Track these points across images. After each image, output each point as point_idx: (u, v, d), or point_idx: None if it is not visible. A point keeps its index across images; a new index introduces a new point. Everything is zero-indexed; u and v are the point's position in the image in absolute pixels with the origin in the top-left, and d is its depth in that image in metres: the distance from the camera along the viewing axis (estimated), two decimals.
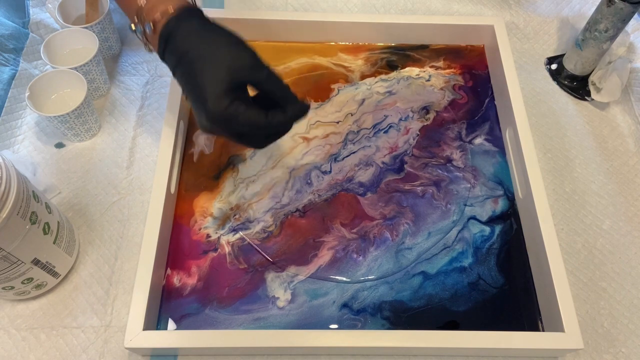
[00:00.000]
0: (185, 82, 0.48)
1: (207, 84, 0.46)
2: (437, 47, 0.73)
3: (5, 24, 0.68)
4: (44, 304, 0.54)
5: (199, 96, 0.46)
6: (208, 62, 0.46)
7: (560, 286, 0.51)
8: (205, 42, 0.47)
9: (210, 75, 0.46)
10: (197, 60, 0.46)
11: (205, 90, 0.45)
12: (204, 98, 0.46)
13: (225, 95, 0.45)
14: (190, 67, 0.47)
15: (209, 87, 0.45)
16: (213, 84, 0.45)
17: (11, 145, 0.63)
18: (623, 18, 0.64)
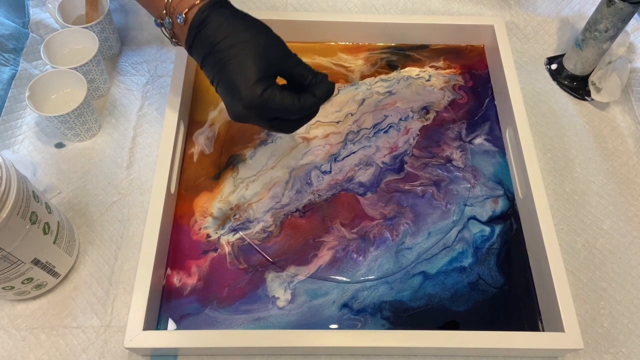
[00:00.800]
0: (218, 71, 0.49)
1: (241, 72, 0.47)
2: (437, 47, 0.73)
3: (5, 24, 0.68)
4: (44, 304, 0.54)
5: (233, 84, 0.47)
6: (242, 51, 0.47)
7: (560, 286, 0.51)
8: (237, 31, 0.48)
9: (245, 63, 0.47)
10: (230, 49, 0.47)
11: (240, 78, 0.47)
12: (237, 86, 0.47)
13: (260, 82, 0.47)
14: (223, 55, 0.48)
15: (243, 75, 0.47)
16: (248, 72, 0.47)
17: (11, 145, 0.63)
18: (623, 18, 0.64)
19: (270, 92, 0.47)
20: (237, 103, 0.48)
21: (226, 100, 0.50)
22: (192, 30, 0.49)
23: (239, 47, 0.47)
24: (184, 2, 0.49)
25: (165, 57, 0.72)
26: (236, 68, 0.47)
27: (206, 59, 0.49)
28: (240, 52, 0.47)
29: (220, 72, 0.48)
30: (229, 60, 0.47)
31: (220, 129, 0.65)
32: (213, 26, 0.48)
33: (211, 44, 0.48)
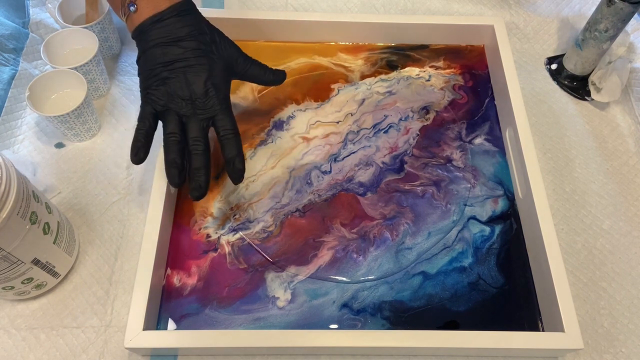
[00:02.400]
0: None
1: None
2: (437, 47, 0.73)
3: (5, 24, 0.68)
4: (44, 304, 0.54)
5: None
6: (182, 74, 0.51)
7: (560, 286, 0.51)
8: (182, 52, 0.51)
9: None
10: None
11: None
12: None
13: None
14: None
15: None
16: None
17: (11, 145, 0.63)
18: (623, 18, 0.64)
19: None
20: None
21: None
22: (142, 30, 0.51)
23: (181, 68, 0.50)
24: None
25: None
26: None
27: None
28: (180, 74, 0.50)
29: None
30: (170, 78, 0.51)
31: None
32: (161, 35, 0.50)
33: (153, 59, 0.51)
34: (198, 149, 0.51)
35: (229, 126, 0.52)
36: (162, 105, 0.51)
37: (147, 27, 0.50)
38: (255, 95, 0.68)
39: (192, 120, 0.51)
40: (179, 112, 0.51)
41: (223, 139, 0.52)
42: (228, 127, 0.52)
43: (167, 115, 0.51)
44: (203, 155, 0.51)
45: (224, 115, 0.52)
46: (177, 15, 0.50)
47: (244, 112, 0.66)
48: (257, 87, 0.68)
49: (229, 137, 0.52)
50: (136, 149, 0.51)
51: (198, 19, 0.53)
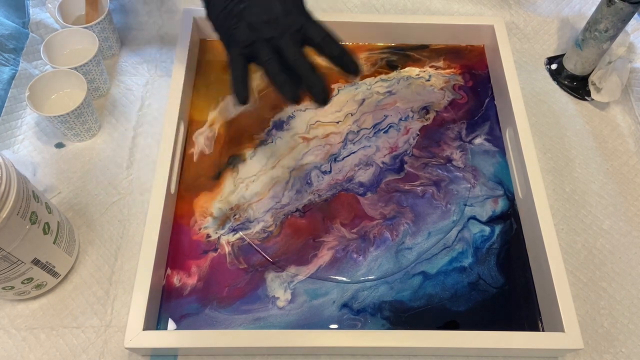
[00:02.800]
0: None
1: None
2: (437, 47, 0.73)
3: (5, 24, 0.68)
4: (44, 304, 0.54)
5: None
6: None
7: (560, 286, 0.51)
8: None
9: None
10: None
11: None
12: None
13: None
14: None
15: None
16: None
17: (11, 145, 0.63)
18: (623, 18, 0.64)
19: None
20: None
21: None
22: None
23: None
24: None
25: (165, 57, 0.72)
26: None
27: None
28: None
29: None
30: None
31: (220, 129, 0.65)
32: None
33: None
34: (302, 62, 0.48)
35: (321, 31, 0.49)
36: (249, 39, 0.49)
37: None
38: (255, 95, 0.68)
39: (284, 41, 0.48)
40: (267, 38, 0.48)
41: (322, 43, 0.49)
42: (321, 32, 0.49)
43: (258, 48, 0.49)
44: (309, 66, 0.48)
45: (311, 23, 0.49)
46: None
47: (244, 112, 0.66)
48: (257, 87, 0.68)
49: (327, 39, 0.49)
50: (238, 93, 0.50)
51: None
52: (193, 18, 0.68)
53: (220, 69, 0.69)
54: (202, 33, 0.71)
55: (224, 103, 0.67)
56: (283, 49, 0.48)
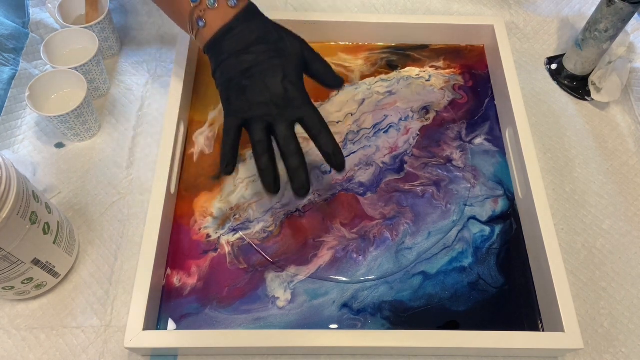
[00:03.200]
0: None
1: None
2: (437, 47, 0.73)
3: (5, 24, 0.68)
4: (44, 304, 0.54)
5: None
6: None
7: (560, 286, 0.51)
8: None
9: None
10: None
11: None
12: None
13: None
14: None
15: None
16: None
17: (11, 145, 0.63)
18: (623, 18, 0.64)
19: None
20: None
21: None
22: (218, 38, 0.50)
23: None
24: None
25: (165, 57, 0.72)
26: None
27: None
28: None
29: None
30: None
31: (220, 129, 0.65)
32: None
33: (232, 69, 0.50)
34: (291, 149, 0.50)
35: (317, 120, 0.51)
36: (246, 114, 0.50)
37: (218, 40, 0.50)
38: None
39: (278, 123, 0.50)
40: (263, 117, 0.50)
41: (314, 133, 0.51)
42: (316, 122, 0.51)
43: (252, 124, 0.50)
44: (297, 154, 0.50)
45: (308, 110, 0.51)
46: (244, 21, 0.50)
47: None
48: None
49: (319, 130, 0.51)
50: (225, 162, 0.51)
51: (263, 21, 0.52)
52: None
53: None
54: None
55: None
56: (276, 131, 0.50)
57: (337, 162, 0.51)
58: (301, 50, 0.53)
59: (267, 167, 0.50)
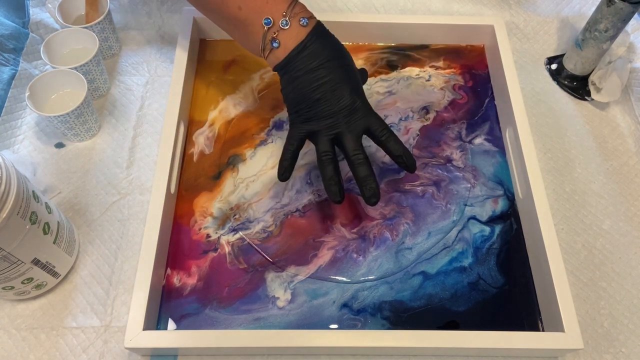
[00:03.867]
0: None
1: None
2: (437, 47, 0.73)
3: (5, 24, 0.68)
4: (44, 304, 0.54)
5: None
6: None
7: (560, 286, 0.51)
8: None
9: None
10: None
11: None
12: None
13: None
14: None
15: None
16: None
17: (11, 145, 0.63)
18: (623, 18, 0.64)
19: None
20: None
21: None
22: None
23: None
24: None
25: (165, 57, 0.72)
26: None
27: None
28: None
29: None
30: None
31: (220, 129, 0.65)
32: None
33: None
34: (360, 159, 0.52)
35: (382, 127, 0.53)
36: (315, 126, 0.53)
37: (292, 58, 0.52)
38: (256, 95, 0.68)
39: (346, 134, 0.52)
40: (331, 130, 0.52)
41: (383, 139, 0.53)
42: (383, 127, 0.53)
43: (319, 136, 0.53)
44: (366, 163, 0.52)
45: (374, 118, 0.53)
46: (316, 40, 0.52)
47: (244, 112, 0.66)
48: (257, 87, 0.68)
49: (387, 136, 0.53)
50: (283, 168, 0.54)
51: (331, 38, 0.54)
52: (193, 18, 0.68)
53: (220, 69, 0.69)
54: (202, 33, 0.71)
55: (224, 103, 0.67)
56: (344, 142, 0.53)
57: (409, 162, 0.54)
58: (354, 64, 0.56)
59: (332, 176, 0.52)
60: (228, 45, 0.71)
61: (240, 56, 0.70)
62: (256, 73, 0.69)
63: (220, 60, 0.70)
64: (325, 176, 0.53)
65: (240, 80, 0.69)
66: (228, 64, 0.70)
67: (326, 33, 0.54)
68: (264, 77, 0.69)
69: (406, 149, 0.54)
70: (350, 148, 0.52)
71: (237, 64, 0.70)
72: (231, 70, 0.70)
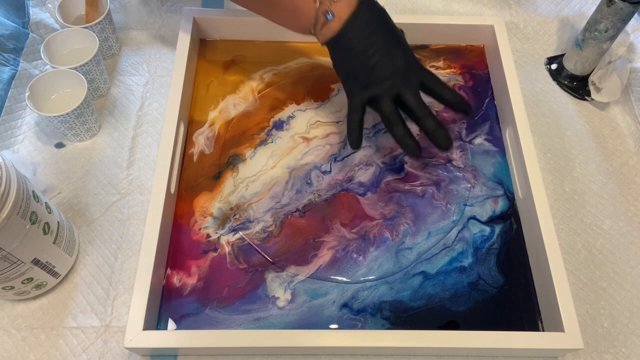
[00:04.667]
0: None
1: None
2: (437, 47, 0.73)
3: (5, 24, 0.68)
4: (44, 304, 0.54)
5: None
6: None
7: (560, 286, 0.51)
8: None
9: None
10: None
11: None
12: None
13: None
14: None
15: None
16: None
17: (11, 145, 0.63)
18: (623, 18, 0.64)
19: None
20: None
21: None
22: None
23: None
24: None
25: (165, 57, 0.72)
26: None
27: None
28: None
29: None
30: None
31: (220, 129, 0.65)
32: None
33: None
34: (426, 112, 0.54)
35: (436, 79, 0.56)
36: (376, 90, 0.54)
37: (348, 28, 0.53)
38: (255, 95, 0.68)
39: (407, 92, 0.54)
40: (391, 90, 0.54)
41: (439, 91, 0.55)
42: (437, 80, 0.56)
43: (381, 99, 0.54)
44: (431, 115, 0.54)
45: (426, 72, 0.56)
46: (366, 7, 0.53)
47: (244, 112, 0.66)
48: (257, 87, 0.68)
49: (443, 87, 0.55)
50: (354, 137, 0.56)
51: (375, 4, 0.55)
52: (193, 18, 0.68)
53: (220, 69, 0.69)
54: (202, 33, 0.71)
55: (224, 103, 0.67)
56: (407, 100, 0.54)
57: (465, 107, 0.56)
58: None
59: (404, 134, 0.54)
60: (228, 45, 0.71)
61: (240, 56, 0.71)
62: (256, 73, 0.69)
63: (220, 60, 0.70)
64: (398, 134, 0.54)
65: (240, 80, 0.69)
66: (228, 64, 0.70)
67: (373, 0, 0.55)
68: (264, 77, 0.69)
69: (461, 96, 0.56)
70: (413, 104, 0.54)
71: (237, 64, 0.70)
72: (231, 70, 0.70)
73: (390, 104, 0.54)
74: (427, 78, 0.55)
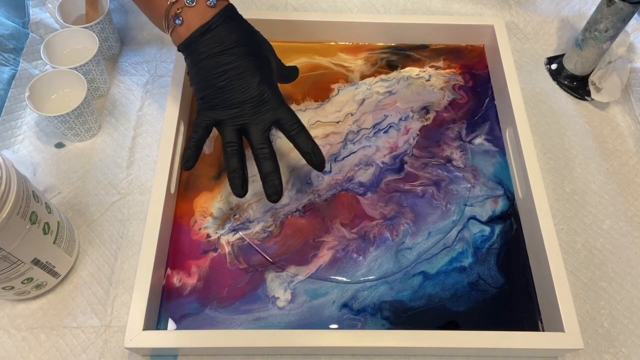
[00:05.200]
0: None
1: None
2: (437, 47, 0.73)
3: (5, 24, 0.68)
4: (44, 304, 0.54)
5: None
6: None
7: (560, 286, 0.51)
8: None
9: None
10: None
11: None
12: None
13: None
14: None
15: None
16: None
17: (11, 145, 0.63)
18: (623, 18, 0.64)
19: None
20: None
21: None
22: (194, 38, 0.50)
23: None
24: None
25: (165, 57, 0.72)
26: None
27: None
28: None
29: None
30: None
31: None
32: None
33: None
34: (264, 153, 0.50)
35: (293, 121, 0.51)
36: (220, 115, 0.51)
37: (195, 39, 0.50)
38: None
39: (252, 126, 0.50)
40: (237, 120, 0.50)
41: (293, 134, 0.51)
42: (293, 121, 0.51)
43: (225, 125, 0.51)
44: (271, 158, 0.50)
45: (284, 111, 0.51)
46: (223, 23, 0.50)
47: None
48: None
49: (298, 130, 0.51)
50: (187, 157, 0.52)
51: (241, 23, 0.52)
52: None
53: None
54: None
55: None
56: (250, 134, 0.51)
57: (317, 160, 0.52)
58: (273, 55, 0.54)
59: (236, 168, 0.51)
60: None
61: None
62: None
63: None
64: (229, 168, 0.51)
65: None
66: None
67: (236, 17, 0.51)
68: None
69: (316, 145, 0.51)
70: (255, 141, 0.50)
71: None
72: None
73: (231, 133, 0.50)
74: (283, 118, 0.51)
